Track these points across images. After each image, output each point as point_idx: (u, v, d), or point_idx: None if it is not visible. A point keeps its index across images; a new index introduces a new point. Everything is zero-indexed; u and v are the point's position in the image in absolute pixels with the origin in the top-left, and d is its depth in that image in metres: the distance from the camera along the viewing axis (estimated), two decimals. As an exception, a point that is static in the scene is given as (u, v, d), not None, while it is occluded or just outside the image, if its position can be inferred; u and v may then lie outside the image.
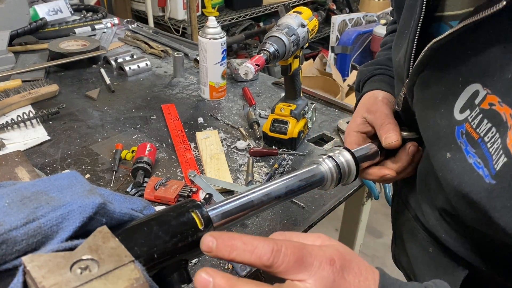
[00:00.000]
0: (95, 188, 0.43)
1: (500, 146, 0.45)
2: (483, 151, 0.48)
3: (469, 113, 0.50)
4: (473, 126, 0.49)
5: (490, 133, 0.47)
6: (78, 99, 1.31)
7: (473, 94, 0.49)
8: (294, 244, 0.39)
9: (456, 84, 0.52)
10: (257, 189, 0.53)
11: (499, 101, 0.45)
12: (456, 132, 0.52)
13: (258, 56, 0.85)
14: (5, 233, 0.36)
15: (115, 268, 0.35)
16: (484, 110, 0.48)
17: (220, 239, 0.39)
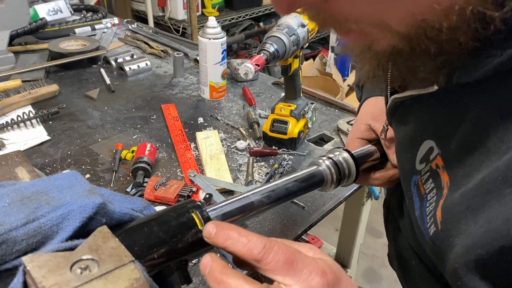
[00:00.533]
0: (95, 188, 0.43)
1: (433, 212, 0.45)
2: (423, 208, 0.48)
3: (424, 166, 0.50)
4: (423, 180, 0.50)
5: (431, 193, 0.47)
6: (78, 99, 1.31)
7: (429, 149, 0.49)
8: (288, 247, 0.39)
9: (416, 135, 0.52)
10: (257, 190, 0.53)
11: (443, 166, 0.45)
12: (412, 181, 0.53)
13: (258, 56, 0.85)
14: (5, 233, 0.36)
15: (115, 268, 0.35)
16: (432, 169, 0.48)
17: (219, 227, 0.41)
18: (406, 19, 0.34)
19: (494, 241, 0.36)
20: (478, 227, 0.38)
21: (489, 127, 0.39)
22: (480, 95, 0.40)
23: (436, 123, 0.48)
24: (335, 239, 1.54)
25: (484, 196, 0.38)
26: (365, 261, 2.16)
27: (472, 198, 0.39)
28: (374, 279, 2.09)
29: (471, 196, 0.39)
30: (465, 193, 0.40)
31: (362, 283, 2.08)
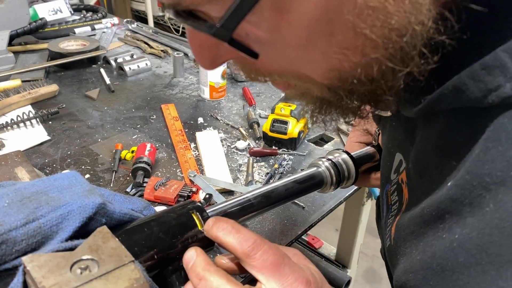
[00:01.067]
0: (95, 188, 0.43)
1: (390, 226, 0.46)
2: (386, 219, 0.49)
3: (395, 177, 0.51)
4: (391, 191, 0.50)
5: (395, 206, 0.48)
6: (78, 99, 1.31)
7: (399, 162, 0.50)
8: (278, 250, 0.40)
9: (390, 146, 0.53)
10: (257, 191, 0.53)
11: (406, 182, 0.46)
12: (385, 188, 0.53)
13: (258, 56, 0.85)
14: (5, 233, 0.36)
15: (115, 268, 0.35)
16: (397, 183, 0.49)
17: (217, 219, 0.43)
18: (324, 73, 0.34)
19: (421, 271, 0.37)
20: (416, 253, 0.39)
21: (430, 158, 0.39)
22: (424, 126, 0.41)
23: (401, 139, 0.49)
24: (335, 239, 1.54)
25: (424, 225, 0.38)
26: (365, 261, 2.16)
27: (416, 224, 0.40)
28: (374, 279, 2.09)
29: (415, 223, 0.40)
30: (412, 218, 0.41)
31: (362, 283, 2.08)
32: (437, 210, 0.36)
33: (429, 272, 0.35)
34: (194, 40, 0.36)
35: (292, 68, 0.35)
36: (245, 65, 0.38)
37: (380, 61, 0.31)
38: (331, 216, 0.97)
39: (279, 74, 0.37)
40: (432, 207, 0.37)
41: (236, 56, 0.36)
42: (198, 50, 0.37)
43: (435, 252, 0.35)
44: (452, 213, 0.34)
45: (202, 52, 0.37)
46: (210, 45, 0.35)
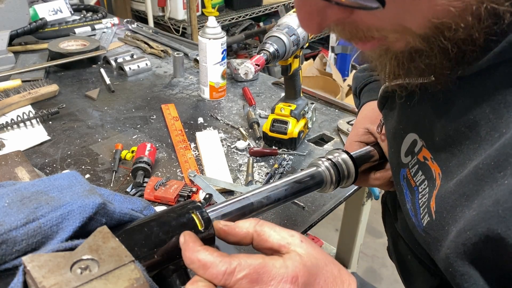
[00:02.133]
0: (95, 188, 0.43)
1: (426, 203, 0.46)
2: (415, 200, 0.49)
3: (410, 159, 0.52)
4: (412, 173, 0.51)
5: (423, 185, 0.48)
6: (78, 99, 1.31)
7: (412, 142, 0.51)
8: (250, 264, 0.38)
9: (400, 129, 0.54)
10: (257, 191, 0.53)
11: (431, 157, 0.47)
12: (400, 174, 0.54)
13: (258, 56, 0.85)
14: (5, 233, 0.36)
15: (115, 268, 0.35)
16: (420, 162, 0.49)
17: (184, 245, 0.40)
18: (425, 23, 0.37)
19: (482, 222, 0.37)
20: (471, 211, 0.39)
21: (480, 117, 0.40)
22: (470, 88, 0.42)
23: (420, 115, 0.49)
24: (335, 239, 1.54)
25: (478, 182, 0.39)
26: (365, 261, 2.16)
27: (466, 185, 0.40)
28: (374, 279, 2.09)
29: (465, 183, 0.40)
30: (460, 181, 0.41)
31: (362, 283, 2.07)
32: (496, 159, 0.37)
33: (493, 221, 0.35)
34: (303, 7, 0.40)
35: (395, 21, 0.38)
36: (346, 26, 0.41)
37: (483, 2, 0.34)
38: (331, 216, 0.97)
39: (378, 29, 0.39)
40: (489, 159, 0.38)
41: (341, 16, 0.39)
42: (307, 16, 0.40)
43: (498, 199, 0.35)
44: None
45: (311, 17, 0.40)
46: (318, 10, 0.39)
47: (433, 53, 0.40)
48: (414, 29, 0.38)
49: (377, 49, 0.44)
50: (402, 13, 0.37)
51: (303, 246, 0.41)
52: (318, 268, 0.40)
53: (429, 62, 0.41)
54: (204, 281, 0.38)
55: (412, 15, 0.37)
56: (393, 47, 0.42)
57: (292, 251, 0.40)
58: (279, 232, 0.42)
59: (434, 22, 0.36)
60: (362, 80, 0.81)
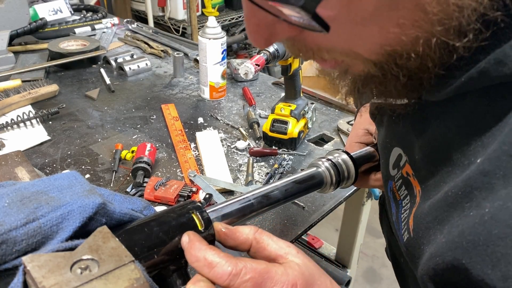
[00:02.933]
0: (95, 188, 0.43)
1: (407, 219, 0.47)
2: (399, 214, 0.50)
3: (396, 172, 0.52)
4: (397, 186, 0.51)
5: (406, 200, 0.49)
6: (78, 99, 1.31)
7: (398, 156, 0.51)
8: (255, 268, 0.39)
9: (387, 142, 0.54)
10: (257, 191, 0.53)
11: (413, 174, 0.47)
12: (388, 186, 0.54)
13: (258, 56, 0.85)
14: (5, 233, 0.36)
15: (116, 268, 0.35)
16: (403, 177, 0.50)
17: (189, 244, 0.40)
18: (377, 49, 0.36)
19: (449, 252, 0.37)
20: (441, 237, 0.39)
21: (452, 142, 0.40)
22: (442, 112, 0.42)
23: (402, 132, 0.50)
24: (335, 239, 1.54)
25: (448, 209, 0.39)
26: (365, 261, 2.16)
27: (438, 209, 0.40)
28: (374, 279, 2.09)
29: (437, 208, 0.40)
30: (433, 204, 0.41)
31: (362, 283, 2.08)
32: (463, 189, 0.36)
33: (458, 252, 0.36)
34: (252, 19, 0.38)
35: (344, 44, 0.37)
36: (295, 43, 0.40)
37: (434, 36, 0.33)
38: (331, 216, 0.97)
39: (328, 51, 0.38)
40: (457, 188, 0.37)
41: (290, 34, 0.38)
42: (255, 28, 0.38)
43: (463, 231, 0.35)
44: (481, 189, 0.34)
45: (259, 30, 0.38)
46: (267, 23, 0.37)
47: (386, 79, 0.39)
48: (365, 55, 0.37)
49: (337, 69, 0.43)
50: (351, 38, 0.36)
51: (299, 256, 0.42)
52: (314, 278, 0.42)
53: (383, 89, 0.41)
54: (206, 281, 0.38)
55: (362, 41, 0.36)
56: (352, 70, 0.41)
57: (290, 261, 0.42)
58: (276, 242, 0.43)
59: (387, 49, 0.35)
60: None
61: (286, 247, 0.43)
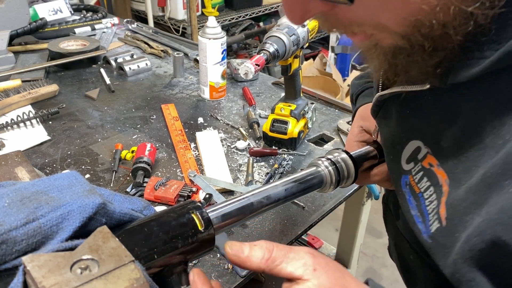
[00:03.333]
0: (95, 188, 0.43)
1: (436, 209, 0.47)
2: (421, 206, 0.50)
3: (413, 166, 0.52)
4: (415, 180, 0.51)
5: (428, 191, 0.49)
6: (78, 99, 1.31)
7: (416, 149, 0.52)
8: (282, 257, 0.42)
9: (401, 136, 0.54)
10: (257, 191, 0.53)
11: (438, 164, 0.48)
12: (402, 180, 0.54)
13: (258, 56, 0.85)
14: (5, 233, 0.36)
15: (115, 268, 0.35)
16: (424, 168, 0.50)
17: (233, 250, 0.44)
18: (400, 20, 0.39)
19: (488, 229, 0.37)
20: (478, 219, 0.40)
21: (484, 124, 0.41)
22: (472, 94, 0.43)
23: (424, 123, 0.50)
24: (335, 239, 1.54)
25: (487, 190, 0.39)
26: (365, 261, 2.16)
27: (476, 193, 0.41)
28: (374, 279, 2.09)
29: (475, 191, 0.41)
30: (469, 189, 0.42)
31: (362, 283, 2.07)
32: (502, 167, 0.38)
33: (498, 228, 0.36)
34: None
35: (371, 17, 0.40)
36: (328, 18, 0.44)
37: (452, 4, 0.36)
38: (331, 216, 0.97)
39: (358, 25, 0.42)
40: (495, 167, 0.38)
41: (322, 9, 0.42)
42: (290, 6, 0.42)
43: (503, 207, 0.36)
44: None
45: (294, 8, 0.42)
46: (302, 1, 0.41)
47: (414, 50, 0.42)
48: (391, 27, 0.40)
49: (366, 42, 0.46)
50: (376, 10, 0.39)
51: (315, 275, 0.42)
52: None
53: (411, 60, 0.43)
54: None
55: (386, 13, 0.39)
56: (381, 43, 0.44)
57: (306, 281, 0.42)
58: (291, 263, 0.43)
59: (411, 20, 0.38)
60: (358, 87, 0.82)
61: (301, 267, 0.42)
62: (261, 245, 0.43)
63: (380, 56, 0.47)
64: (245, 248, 0.44)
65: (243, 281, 0.74)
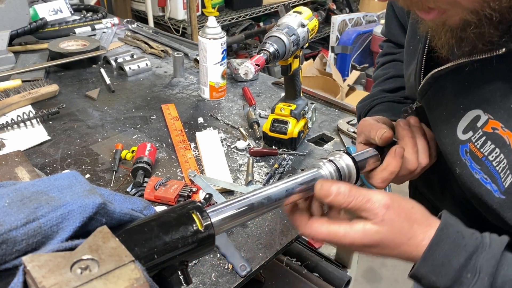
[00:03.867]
0: (95, 188, 0.43)
1: (507, 166, 0.51)
2: (489, 168, 0.54)
3: (472, 134, 0.56)
4: (477, 146, 0.55)
5: (494, 153, 0.53)
6: (78, 99, 1.31)
7: (474, 118, 0.56)
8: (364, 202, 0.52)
9: (457, 109, 0.58)
10: (258, 192, 0.53)
11: (502, 126, 0.52)
12: (461, 150, 0.58)
13: (258, 56, 0.85)
14: (5, 233, 0.36)
15: (116, 268, 0.35)
16: (487, 133, 0.54)
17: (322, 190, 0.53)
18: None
19: None
20: None
21: None
22: None
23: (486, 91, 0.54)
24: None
25: None
26: (365, 261, 2.16)
27: None
28: (374, 279, 2.09)
29: None
30: None
31: (362, 283, 2.08)
32: None
33: None
34: None
35: None
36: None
37: None
38: (331, 216, 0.97)
39: (435, 0, 0.47)
40: None
41: None
42: None
43: None
44: None
45: None
46: None
47: (481, 23, 0.47)
48: (464, 4, 0.45)
49: (436, 20, 0.51)
50: None
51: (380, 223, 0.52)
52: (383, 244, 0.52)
53: (478, 31, 0.49)
54: None
55: None
56: (449, 21, 0.50)
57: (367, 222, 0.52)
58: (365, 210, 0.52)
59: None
60: (364, 107, 0.86)
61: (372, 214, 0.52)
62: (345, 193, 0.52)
63: (448, 32, 0.52)
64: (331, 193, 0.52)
65: (243, 281, 0.74)
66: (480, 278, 0.49)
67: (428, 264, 0.51)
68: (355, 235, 0.52)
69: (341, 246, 0.54)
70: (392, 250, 0.53)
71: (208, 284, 0.72)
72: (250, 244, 0.81)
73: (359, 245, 0.53)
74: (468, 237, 0.52)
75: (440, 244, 0.51)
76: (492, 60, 0.52)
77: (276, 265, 1.32)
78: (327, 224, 0.53)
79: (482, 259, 0.50)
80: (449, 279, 0.50)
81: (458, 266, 0.50)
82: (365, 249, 0.54)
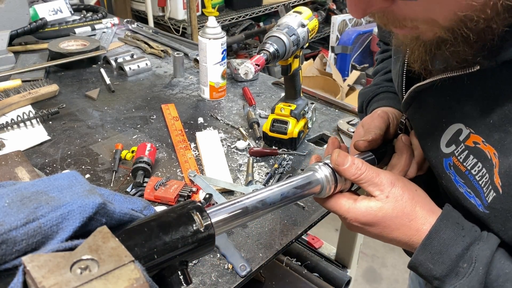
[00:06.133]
0: (95, 188, 0.43)
1: (489, 181, 0.51)
2: (472, 183, 0.54)
3: (454, 147, 0.56)
4: (460, 160, 0.55)
5: (476, 167, 0.53)
6: (78, 99, 1.31)
7: (457, 131, 0.56)
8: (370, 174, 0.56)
9: (439, 122, 0.58)
10: (255, 195, 0.53)
11: (483, 140, 0.52)
12: (444, 163, 0.58)
13: (258, 56, 0.85)
14: (5, 233, 0.36)
15: (115, 268, 0.35)
16: (469, 147, 0.54)
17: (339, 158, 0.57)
18: (451, 16, 0.44)
19: None
20: None
21: None
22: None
23: (466, 105, 0.54)
24: (335, 239, 1.54)
25: None
26: (365, 261, 2.16)
27: None
28: (374, 279, 2.09)
29: None
30: None
31: (362, 283, 2.08)
32: None
33: None
34: None
35: (425, 13, 0.46)
36: (385, 14, 0.49)
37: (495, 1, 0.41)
38: (331, 216, 0.97)
39: (412, 20, 0.47)
40: None
41: (383, 6, 0.47)
42: (355, 1, 0.47)
43: None
44: None
45: (358, 3, 0.47)
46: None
47: (457, 42, 0.47)
48: (441, 22, 0.45)
49: (409, 35, 0.52)
50: (433, 6, 0.44)
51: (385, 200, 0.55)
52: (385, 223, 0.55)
53: (453, 50, 0.49)
54: None
55: (440, 9, 0.44)
56: (423, 36, 0.50)
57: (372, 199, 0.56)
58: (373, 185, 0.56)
59: (459, 15, 0.43)
60: (369, 93, 0.84)
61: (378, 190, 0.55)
62: (358, 165, 0.56)
63: (420, 47, 0.53)
64: (347, 161, 0.56)
65: (243, 281, 0.74)
66: (475, 268, 0.50)
67: (427, 252, 0.52)
68: (358, 211, 0.56)
69: (346, 223, 0.59)
70: (392, 231, 0.55)
71: (208, 284, 0.72)
72: (250, 244, 0.81)
73: (361, 221, 0.56)
74: (468, 229, 0.53)
75: (440, 233, 0.52)
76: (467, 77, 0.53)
77: (276, 265, 1.32)
78: (337, 197, 0.58)
79: (478, 249, 0.51)
80: (445, 268, 0.51)
81: (455, 256, 0.51)
82: (366, 227, 0.56)
